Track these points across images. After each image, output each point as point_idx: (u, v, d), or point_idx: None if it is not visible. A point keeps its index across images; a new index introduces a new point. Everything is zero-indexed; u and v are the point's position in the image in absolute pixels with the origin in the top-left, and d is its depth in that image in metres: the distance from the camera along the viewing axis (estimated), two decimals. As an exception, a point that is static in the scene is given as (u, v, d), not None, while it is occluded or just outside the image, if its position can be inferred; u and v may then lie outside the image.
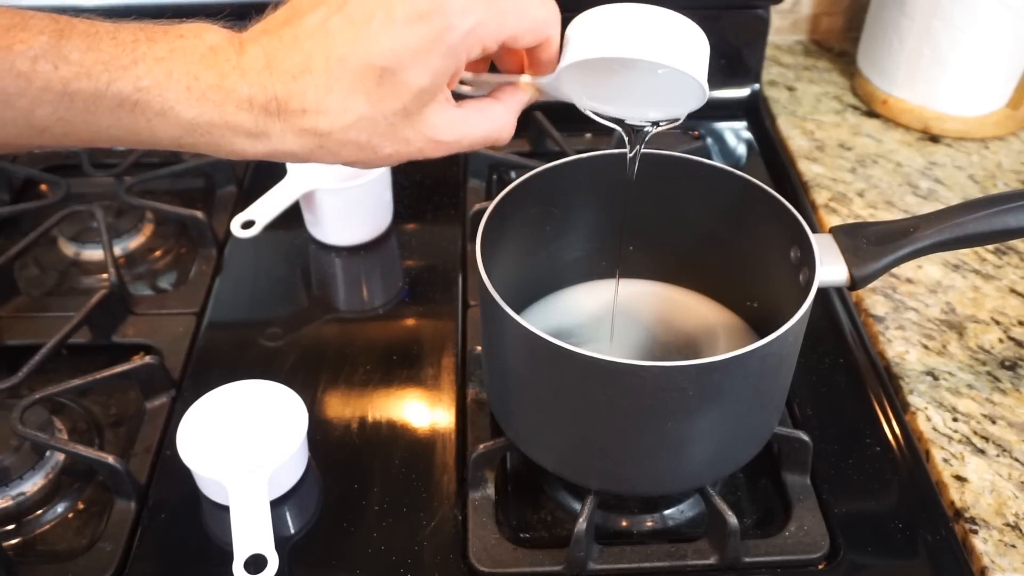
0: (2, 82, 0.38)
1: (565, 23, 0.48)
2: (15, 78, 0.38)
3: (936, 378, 0.73)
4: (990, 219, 0.61)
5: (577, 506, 0.64)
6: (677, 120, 0.53)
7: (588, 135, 0.98)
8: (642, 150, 0.57)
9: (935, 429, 0.69)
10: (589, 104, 0.52)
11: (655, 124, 0.54)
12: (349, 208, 0.85)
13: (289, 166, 0.84)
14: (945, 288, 0.80)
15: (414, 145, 0.45)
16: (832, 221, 0.88)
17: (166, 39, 0.41)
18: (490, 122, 0.47)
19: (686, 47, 0.47)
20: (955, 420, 0.69)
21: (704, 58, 0.48)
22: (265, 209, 0.82)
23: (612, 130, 0.56)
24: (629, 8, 0.46)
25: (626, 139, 0.57)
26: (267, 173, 0.85)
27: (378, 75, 0.41)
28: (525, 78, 0.49)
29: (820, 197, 0.91)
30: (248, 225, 0.82)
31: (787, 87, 1.08)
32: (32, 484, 0.66)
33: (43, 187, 0.96)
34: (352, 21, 0.41)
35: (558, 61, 0.48)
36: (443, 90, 0.44)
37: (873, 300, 0.79)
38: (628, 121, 0.53)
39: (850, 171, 0.94)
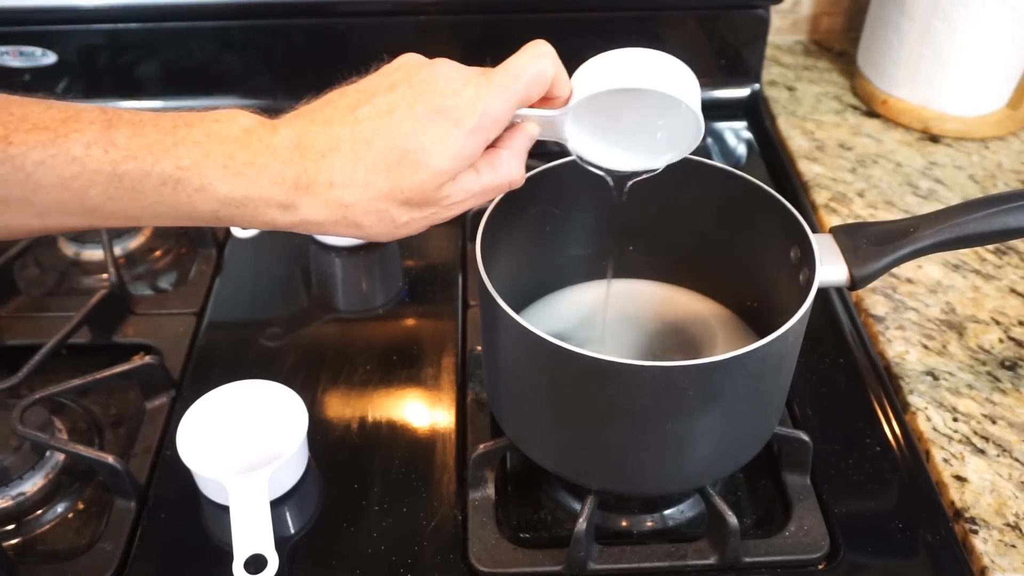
0: (60, 167, 0.43)
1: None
2: (71, 163, 0.43)
3: (936, 378, 0.73)
4: (990, 219, 0.61)
5: (577, 506, 0.64)
6: (656, 170, 0.57)
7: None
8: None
9: (935, 429, 0.69)
10: (584, 153, 0.55)
11: (637, 174, 0.57)
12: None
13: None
14: (945, 288, 0.80)
15: (430, 211, 0.49)
16: (832, 221, 0.88)
17: (202, 124, 0.46)
18: (502, 174, 0.50)
19: (686, 84, 0.51)
20: (955, 420, 0.69)
21: (699, 97, 0.52)
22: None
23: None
24: (630, 51, 0.50)
25: (612, 186, 0.59)
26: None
27: (400, 155, 0.46)
28: (529, 112, 0.51)
29: (820, 197, 0.91)
30: (248, 225, 0.82)
31: (787, 87, 1.08)
32: (32, 484, 0.66)
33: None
34: (379, 111, 0.47)
35: (566, 99, 0.51)
36: (459, 173, 0.48)
37: (873, 300, 0.79)
38: (621, 168, 0.57)
39: (850, 171, 0.94)
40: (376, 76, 0.49)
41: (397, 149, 0.46)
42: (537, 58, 0.48)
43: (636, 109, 0.51)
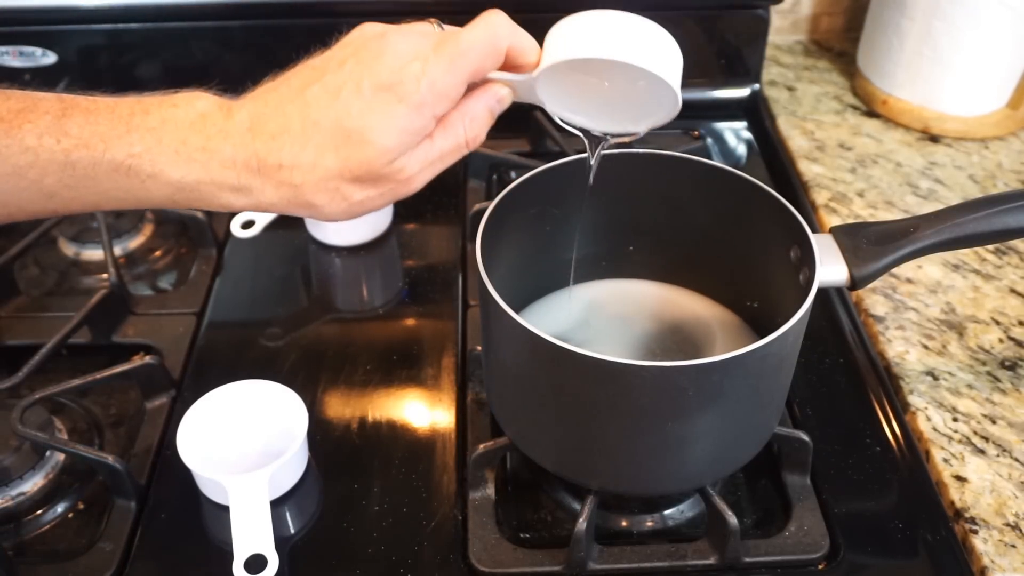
0: (14, 157, 0.45)
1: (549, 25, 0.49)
2: (24, 152, 0.45)
3: (936, 378, 0.73)
4: (990, 219, 0.61)
5: (577, 506, 0.64)
6: (638, 134, 0.54)
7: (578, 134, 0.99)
8: (637, 150, 0.58)
9: (935, 429, 0.69)
10: (560, 112, 0.53)
11: (615, 135, 0.55)
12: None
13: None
14: (945, 288, 0.80)
15: (386, 187, 0.49)
16: (832, 221, 0.88)
17: (160, 109, 0.47)
18: (455, 135, 0.50)
19: (662, 54, 0.48)
20: (955, 420, 0.69)
21: (678, 66, 0.49)
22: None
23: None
24: (607, 14, 0.48)
25: (587, 147, 0.57)
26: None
27: (346, 135, 0.46)
28: (498, 74, 0.50)
29: (820, 197, 0.91)
30: (248, 225, 0.82)
31: (787, 87, 1.08)
32: (32, 484, 0.66)
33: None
34: (327, 90, 0.47)
35: (536, 63, 0.49)
36: (407, 149, 0.48)
37: (873, 300, 0.79)
38: (596, 131, 0.55)
39: (850, 171, 0.94)
40: (330, 51, 0.49)
41: (343, 129, 0.46)
42: (488, 29, 0.47)
43: (613, 73, 0.49)
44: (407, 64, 0.46)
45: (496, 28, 0.48)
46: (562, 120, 0.54)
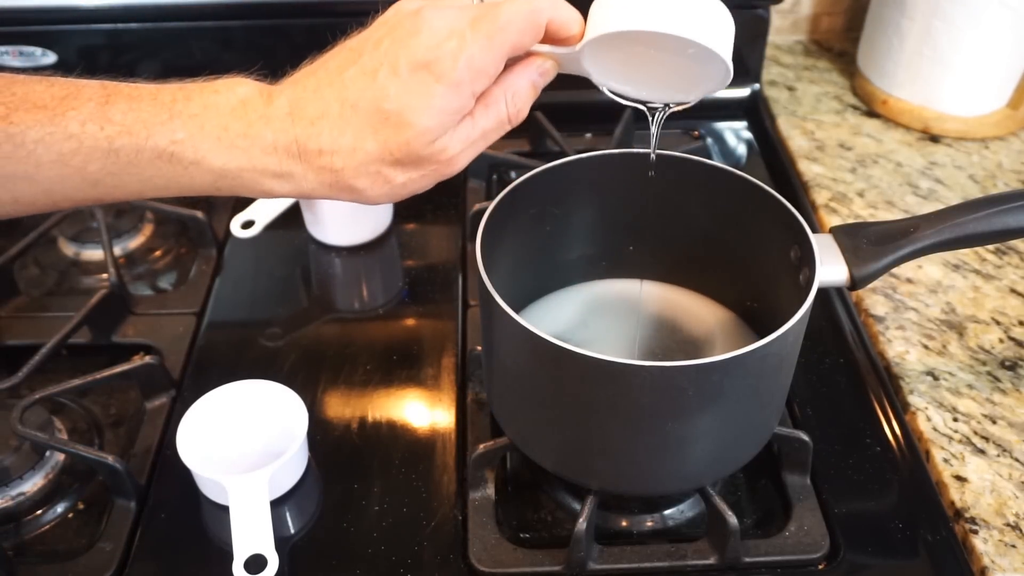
0: (58, 144, 0.45)
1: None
2: (68, 139, 0.45)
3: (936, 378, 0.73)
4: (990, 219, 0.61)
5: (577, 506, 0.64)
6: (689, 103, 0.53)
7: (588, 135, 0.99)
8: (637, 150, 0.57)
9: (935, 429, 0.69)
10: (608, 83, 0.52)
11: (667, 106, 0.54)
12: (349, 208, 0.85)
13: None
14: (945, 288, 0.80)
15: (429, 167, 0.48)
16: (832, 221, 0.88)
17: (201, 96, 0.47)
18: (496, 113, 0.49)
19: (712, 23, 0.46)
20: (955, 420, 0.69)
21: (730, 35, 0.47)
22: (265, 209, 0.82)
23: (612, 130, 0.56)
24: None
25: (649, 117, 0.55)
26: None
27: (385, 117, 0.46)
28: (540, 47, 0.48)
29: (820, 197, 0.91)
30: (248, 225, 0.82)
31: (787, 87, 1.08)
32: (32, 484, 0.66)
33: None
34: (363, 72, 0.46)
35: (580, 34, 0.48)
36: (448, 129, 0.47)
37: (873, 300, 0.79)
38: (650, 99, 0.53)
39: (850, 171, 0.94)
40: (367, 31, 0.48)
41: (382, 111, 0.46)
42: (528, 3, 0.46)
43: (661, 43, 0.47)
44: (443, 41, 0.45)
45: (536, 2, 0.46)
46: (610, 91, 0.52)
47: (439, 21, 0.46)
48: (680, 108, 0.54)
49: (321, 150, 0.47)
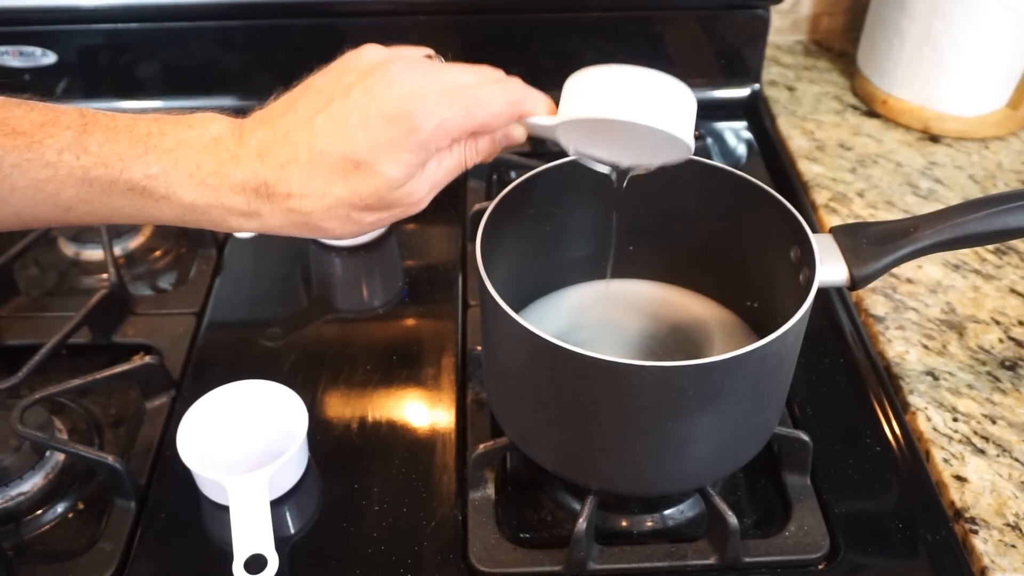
0: (34, 171, 0.45)
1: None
2: (44, 167, 0.45)
3: (936, 378, 0.73)
4: (990, 219, 0.61)
5: (577, 506, 0.64)
6: (651, 167, 0.56)
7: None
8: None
9: (935, 429, 0.69)
10: (576, 147, 0.55)
11: (632, 169, 0.57)
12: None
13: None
14: (945, 288, 0.80)
15: (396, 211, 0.50)
16: (832, 221, 0.88)
17: (176, 131, 0.48)
18: (459, 158, 0.51)
19: (674, 109, 0.50)
20: (955, 420, 0.69)
21: (691, 117, 0.51)
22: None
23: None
24: (623, 71, 0.49)
25: (613, 179, 0.58)
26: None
27: (354, 166, 0.47)
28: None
29: (820, 197, 0.91)
30: (248, 225, 0.82)
31: (787, 87, 1.08)
32: (32, 484, 0.66)
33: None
34: (333, 119, 0.47)
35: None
36: (415, 175, 0.48)
37: (873, 300, 0.79)
38: (617, 163, 0.56)
39: (850, 171, 0.94)
40: (335, 73, 0.49)
41: (350, 160, 0.47)
42: (507, 95, 0.49)
43: (628, 124, 0.51)
44: (416, 98, 0.46)
45: (515, 94, 0.49)
46: (576, 153, 0.56)
47: (410, 77, 0.47)
48: (639, 172, 0.57)
49: (290, 193, 0.48)
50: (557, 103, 0.51)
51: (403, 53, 0.50)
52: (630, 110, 0.49)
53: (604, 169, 0.58)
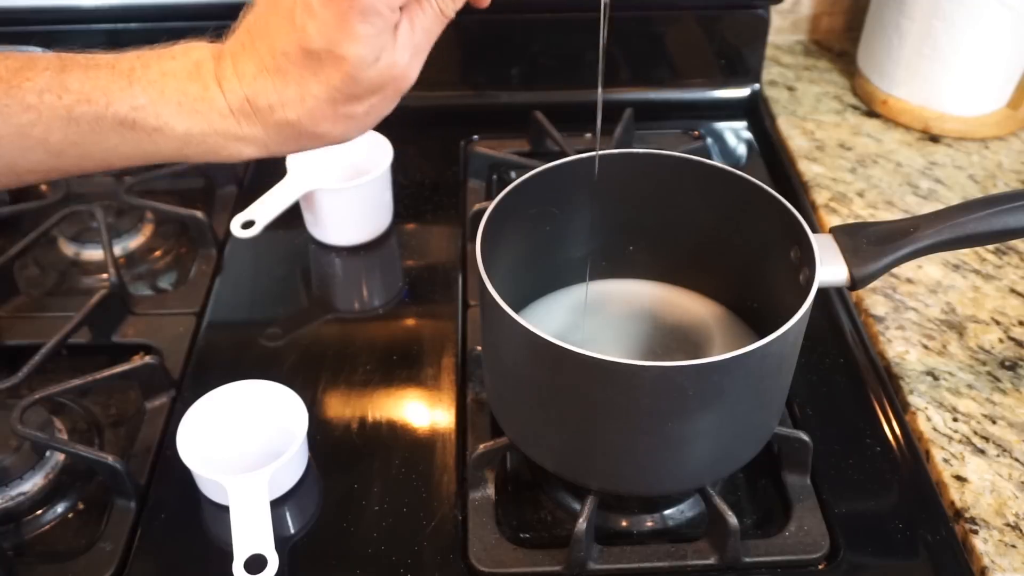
0: (16, 116, 0.44)
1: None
2: (26, 110, 0.44)
3: (936, 378, 0.73)
4: (990, 219, 0.61)
5: (577, 506, 0.64)
6: None
7: (588, 135, 0.98)
8: (637, 150, 0.58)
9: (935, 429, 0.69)
10: None
11: None
12: (349, 208, 0.85)
13: (289, 165, 0.84)
14: (945, 288, 0.80)
15: (385, 91, 0.46)
16: (832, 221, 0.88)
17: (159, 62, 0.46)
18: (431, 9, 0.47)
19: None
20: (955, 420, 0.69)
21: None
22: (265, 209, 0.82)
23: (612, 130, 0.56)
24: None
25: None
26: (267, 173, 0.85)
27: (316, 58, 0.44)
28: None
29: (820, 197, 0.91)
30: (248, 225, 0.82)
31: (787, 87, 1.08)
32: (32, 484, 0.66)
33: (43, 187, 0.96)
34: (282, 17, 0.44)
35: None
36: (386, 46, 0.45)
37: (873, 300, 0.79)
38: None
39: (850, 171, 0.94)
40: None
41: (311, 52, 0.44)
42: None
43: None
44: None
45: None
46: None
47: None
48: None
49: (271, 105, 0.46)
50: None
51: None
52: None
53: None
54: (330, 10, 0.43)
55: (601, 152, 0.58)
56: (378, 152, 0.85)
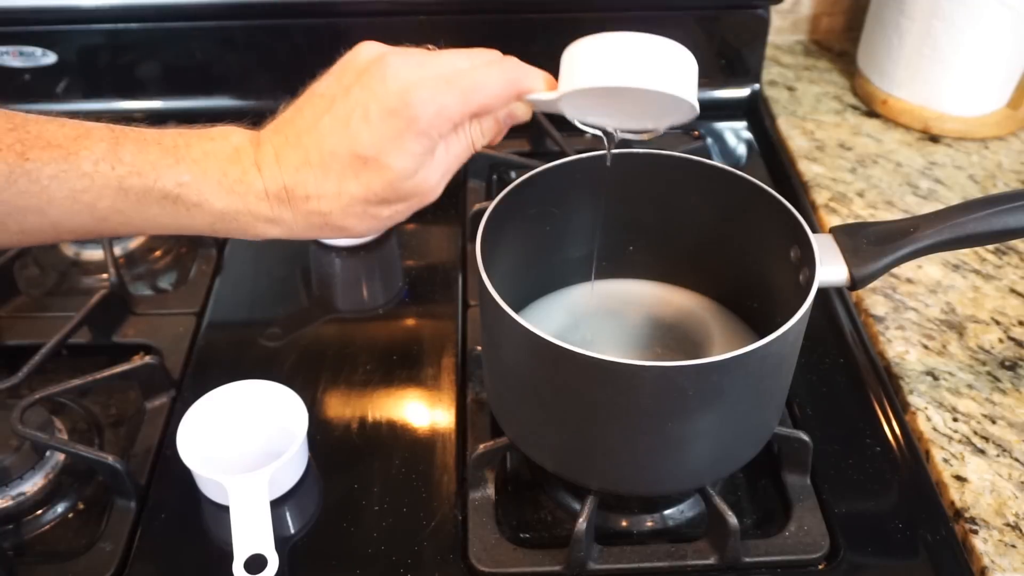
0: (71, 181, 0.47)
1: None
2: (81, 177, 0.47)
3: (936, 378, 0.73)
4: (990, 219, 0.61)
5: (577, 506, 0.64)
6: (657, 131, 0.56)
7: (588, 135, 0.99)
8: (637, 150, 0.60)
9: (935, 429, 0.69)
10: (580, 117, 0.54)
11: (635, 132, 0.56)
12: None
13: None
14: (945, 288, 0.80)
15: (411, 201, 0.51)
16: (832, 221, 0.88)
17: (200, 143, 0.49)
18: (466, 142, 0.51)
19: (677, 71, 0.49)
20: (955, 420, 0.69)
21: (694, 77, 0.51)
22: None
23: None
24: (622, 37, 0.49)
25: (605, 144, 0.58)
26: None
27: (363, 162, 0.48)
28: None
29: (820, 197, 0.91)
30: (248, 225, 0.82)
31: (787, 87, 1.08)
32: (32, 484, 0.66)
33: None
34: (337, 119, 0.48)
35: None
36: (425, 163, 0.49)
37: (873, 300, 0.79)
38: (619, 130, 0.56)
39: (850, 171, 0.94)
40: (334, 76, 0.50)
41: (359, 156, 0.48)
42: (503, 74, 0.49)
43: (631, 89, 0.50)
44: (412, 89, 0.47)
45: (511, 72, 0.49)
46: (581, 123, 0.55)
47: (405, 68, 0.48)
48: (644, 137, 0.56)
49: (308, 195, 0.49)
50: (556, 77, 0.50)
51: (399, 49, 0.50)
52: (630, 75, 0.48)
53: (603, 136, 0.57)
54: (388, 124, 0.47)
55: (613, 151, 0.59)
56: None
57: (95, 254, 0.87)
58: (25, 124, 0.48)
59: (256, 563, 0.57)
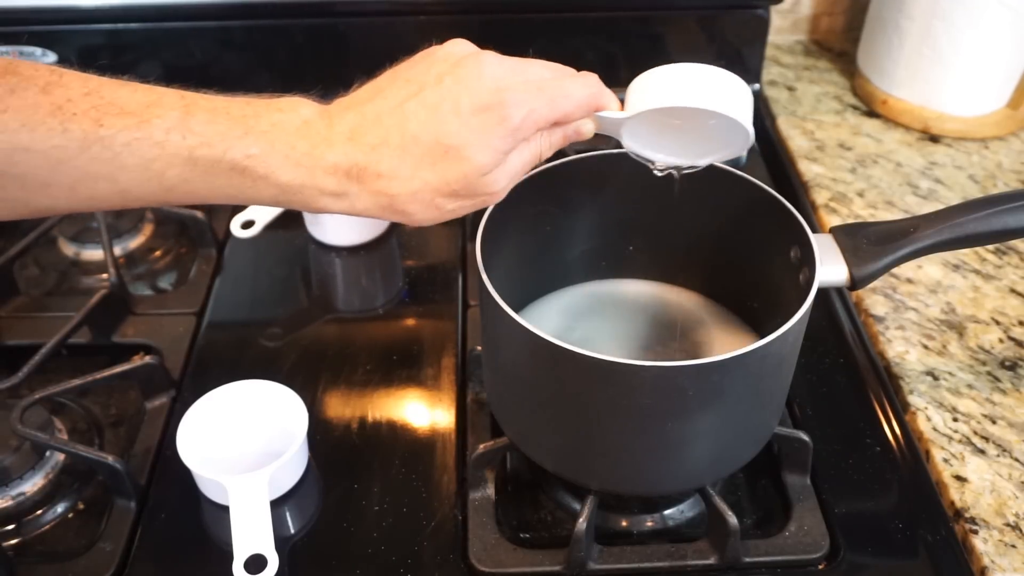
0: (143, 150, 0.47)
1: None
2: (153, 146, 0.47)
3: (936, 378, 0.73)
4: (990, 219, 0.61)
5: (577, 506, 0.64)
6: (702, 165, 0.59)
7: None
8: (614, 151, 0.61)
9: (935, 429, 0.69)
10: (637, 149, 0.57)
11: (689, 167, 0.59)
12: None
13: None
14: (945, 288, 0.80)
15: (477, 199, 0.51)
16: (832, 221, 0.88)
17: (268, 114, 0.49)
18: (535, 151, 0.52)
19: (737, 98, 0.54)
20: (955, 420, 0.69)
21: (749, 107, 0.55)
22: (265, 209, 0.82)
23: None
24: (684, 67, 0.52)
25: (660, 177, 0.60)
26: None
27: (444, 151, 0.49)
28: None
29: (820, 197, 0.91)
30: (248, 225, 0.82)
31: (787, 87, 1.08)
32: (32, 484, 0.66)
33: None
34: (425, 105, 0.49)
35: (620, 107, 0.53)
36: (500, 163, 0.50)
37: (873, 300, 0.79)
38: (672, 162, 0.58)
39: (850, 171, 0.94)
40: (425, 64, 0.50)
41: (442, 145, 0.48)
42: (588, 88, 0.51)
43: (690, 116, 0.53)
44: (506, 89, 0.48)
45: (593, 88, 0.51)
46: (637, 155, 0.57)
47: (500, 68, 0.49)
48: (692, 170, 0.59)
49: (380, 174, 0.49)
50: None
51: (490, 52, 0.51)
52: (698, 98, 0.51)
53: (658, 171, 0.59)
54: (478, 118, 0.48)
55: (604, 152, 0.60)
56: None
57: (95, 254, 0.87)
58: (100, 89, 0.48)
59: (256, 563, 0.57)
